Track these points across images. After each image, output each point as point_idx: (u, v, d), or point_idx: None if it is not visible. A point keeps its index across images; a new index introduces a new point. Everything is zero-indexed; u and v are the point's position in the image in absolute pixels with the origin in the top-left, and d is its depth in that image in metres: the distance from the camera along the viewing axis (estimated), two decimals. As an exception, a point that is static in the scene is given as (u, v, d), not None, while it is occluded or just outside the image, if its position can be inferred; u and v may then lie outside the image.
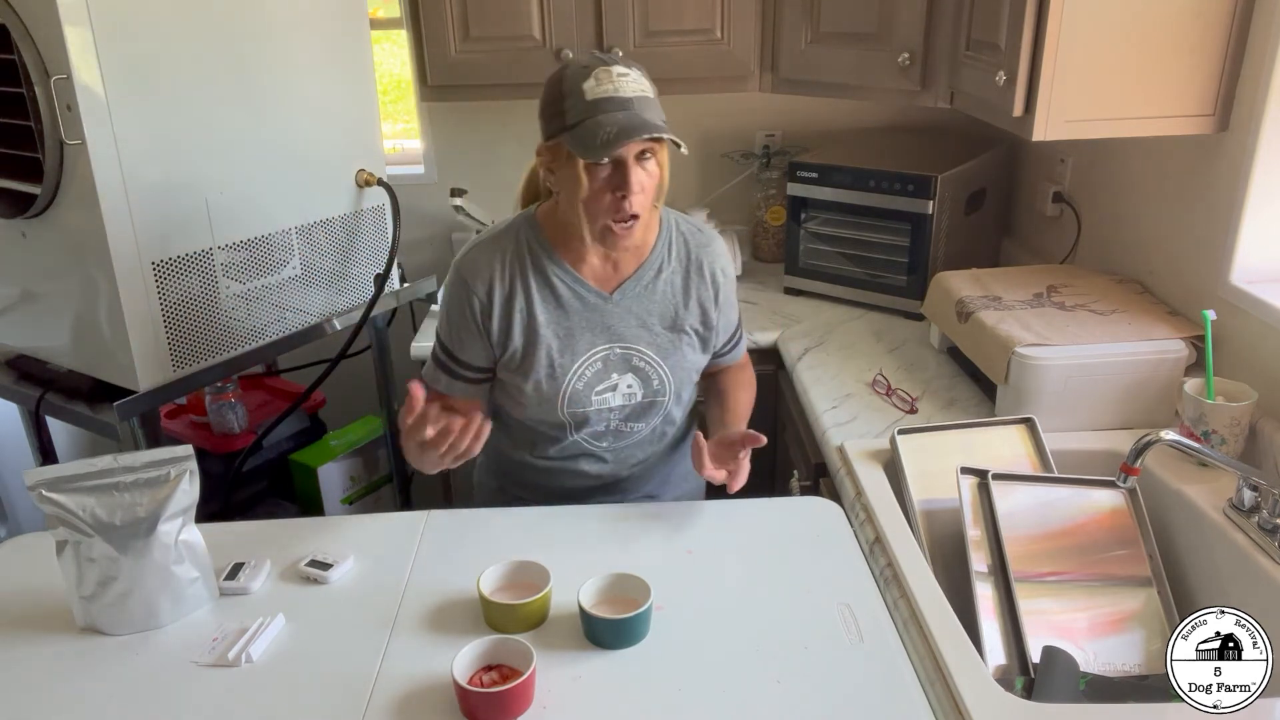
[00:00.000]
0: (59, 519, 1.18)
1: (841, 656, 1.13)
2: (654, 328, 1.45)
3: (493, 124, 2.61)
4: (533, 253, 1.42)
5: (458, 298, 1.42)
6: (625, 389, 1.46)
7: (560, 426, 1.48)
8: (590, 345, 1.43)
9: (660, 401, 1.49)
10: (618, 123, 1.23)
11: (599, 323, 1.43)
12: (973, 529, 1.35)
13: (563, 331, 1.42)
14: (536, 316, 1.41)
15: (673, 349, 1.47)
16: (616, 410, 1.47)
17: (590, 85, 1.25)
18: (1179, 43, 1.53)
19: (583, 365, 1.43)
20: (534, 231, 1.43)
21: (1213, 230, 1.64)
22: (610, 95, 1.25)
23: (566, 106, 1.26)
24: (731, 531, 1.38)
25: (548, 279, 1.41)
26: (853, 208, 2.20)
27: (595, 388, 1.44)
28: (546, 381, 1.42)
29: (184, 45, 1.66)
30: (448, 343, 1.46)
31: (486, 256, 1.42)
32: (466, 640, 1.09)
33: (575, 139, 1.25)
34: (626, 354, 1.44)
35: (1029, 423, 1.50)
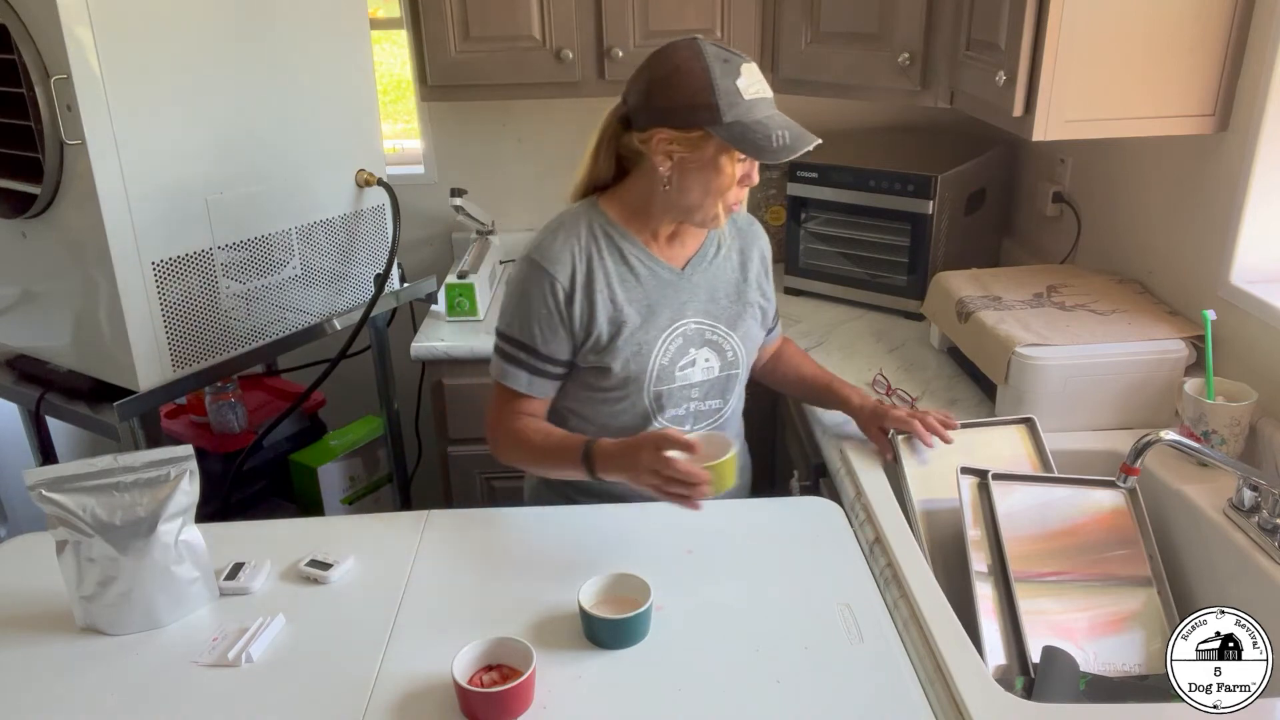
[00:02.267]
0: (59, 519, 1.18)
1: (841, 656, 1.13)
2: (721, 301, 1.49)
3: (493, 124, 2.61)
4: (606, 235, 1.43)
5: (538, 288, 1.40)
6: (704, 363, 1.47)
7: (644, 415, 1.47)
8: (670, 320, 1.44)
9: (735, 375, 1.52)
10: (785, 128, 1.30)
11: (674, 298, 1.45)
12: (973, 529, 1.35)
13: (643, 308, 1.42)
14: (617, 295, 1.41)
15: (739, 321, 1.50)
16: (697, 387, 1.48)
17: (744, 84, 1.29)
18: (1179, 43, 1.53)
19: (666, 341, 1.43)
20: (603, 216, 1.44)
21: (1213, 230, 1.64)
22: (763, 96, 1.31)
23: (720, 102, 1.28)
24: (731, 531, 1.38)
25: (624, 257, 1.42)
26: (853, 208, 2.20)
27: (678, 364, 1.45)
28: (634, 360, 1.42)
29: (184, 45, 1.66)
30: (526, 339, 1.42)
31: (560, 243, 1.41)
32: (466, 640, 1.09)
33: (739, 137, 1.28)
34: (700, 328, 1.46)
35: (1029, 423, 1.50)
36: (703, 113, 1.29)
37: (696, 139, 1.31)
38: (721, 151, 1.31)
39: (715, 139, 1.30)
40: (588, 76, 2.24)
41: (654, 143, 1.33)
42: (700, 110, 1.29)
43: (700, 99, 1.28)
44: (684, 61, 1.30)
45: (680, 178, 1.35)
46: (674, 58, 1.31)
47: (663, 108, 1.31)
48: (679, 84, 1.30)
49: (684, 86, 1.29)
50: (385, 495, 2.38)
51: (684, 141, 1.32)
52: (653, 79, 1.33)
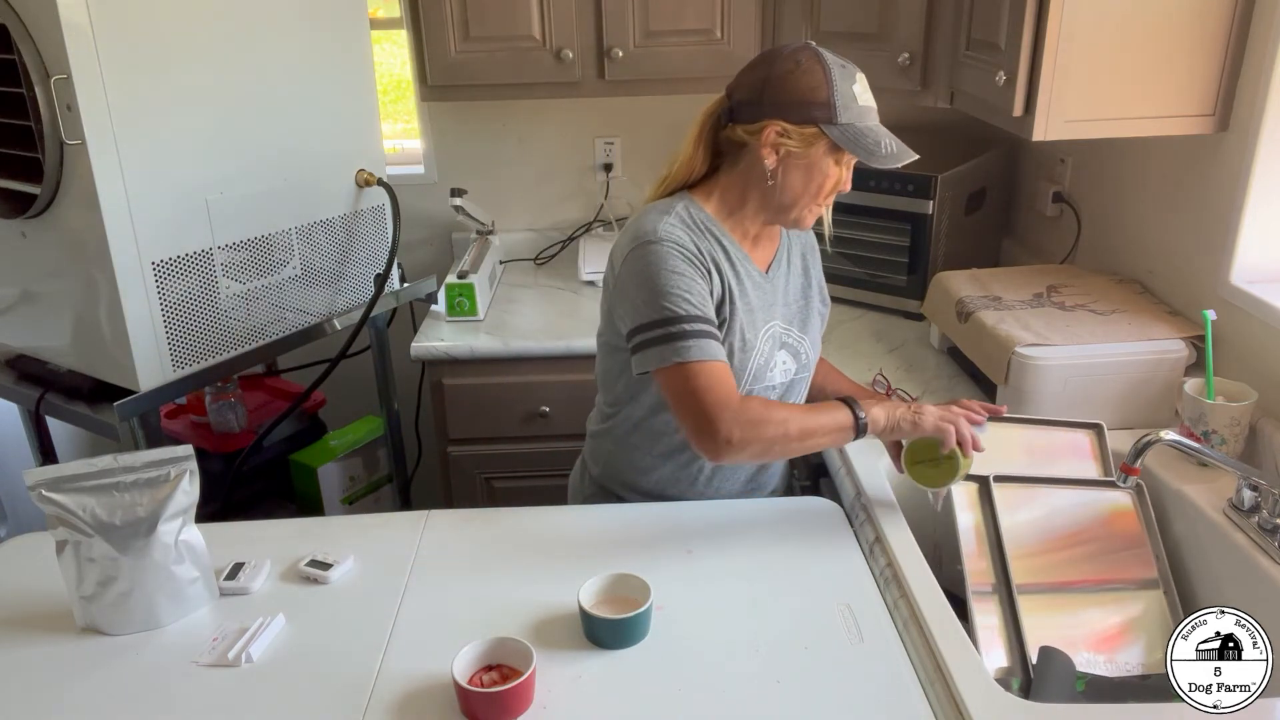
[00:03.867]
0: (59, 519, 1.18)
1: (841, 656, 1.13)
2: (794, 305, 1.50)
3: (493, 124, 2.61)
4: (707, 227, 1.41)
5: (675, 257, 1.32)
6: (784, 365, 1.47)
7: None
8: (764, 321, 1.44)
9: (806, 378, 1.52)
10: (890, 138, 1.33)
11: (764, 300, 1.44)
12: (973, 531, 1.35)
13: (746, 306, 1.41)
14: (731, 288, 1.40)
15: (809, 325, 1.51)
16: (776, 389, 1.47)
17: (859, 91, 1.32)
18: (1179, 43, 1.53)
19: (761, 341, 1.43)
20: (701, 211, 1.41)
21: (1213, 230, 1.64)
22: (872, 106, 1.34)
23: (838, 103, 1.30)
24: (731, 531, 1.38)
25: (729, 254, 1.41)
26: (853, 208, 2.20)
27: (769, 366, 1.45)
28: (739, 355, 1.40)
29: (184, 45, 1.66)
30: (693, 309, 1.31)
31: (670, 222, 1.35)
32: (466, 640, 1.09)
33: (852, 140, 1.31)
34: (781, 332, 1.46)
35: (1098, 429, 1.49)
36: (819, 110, 1.30)
37: (809, 135, 1.32)
38: (830, 152, 1.33)
39: (826, 139, 1.31)
40: (588, 76, 2.24)
41: (765, 134, 1.32)
42: (817, 107, 1.30)
43: (818, 96, 1.30)
44: (806, 60, 1.31)
45: (785, 173, 1.35)
46: (795, 56, 1.32)
47: (779, 101, 1.31)
48: (799, 80, 1.31)
49: (803, 83, 1.30)
50: (385, 495, 2.38)
51: (797, 136, 1.32)
52: (771, 74, 1.32)
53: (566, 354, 2.13)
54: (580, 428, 1.63)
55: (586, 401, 1.64)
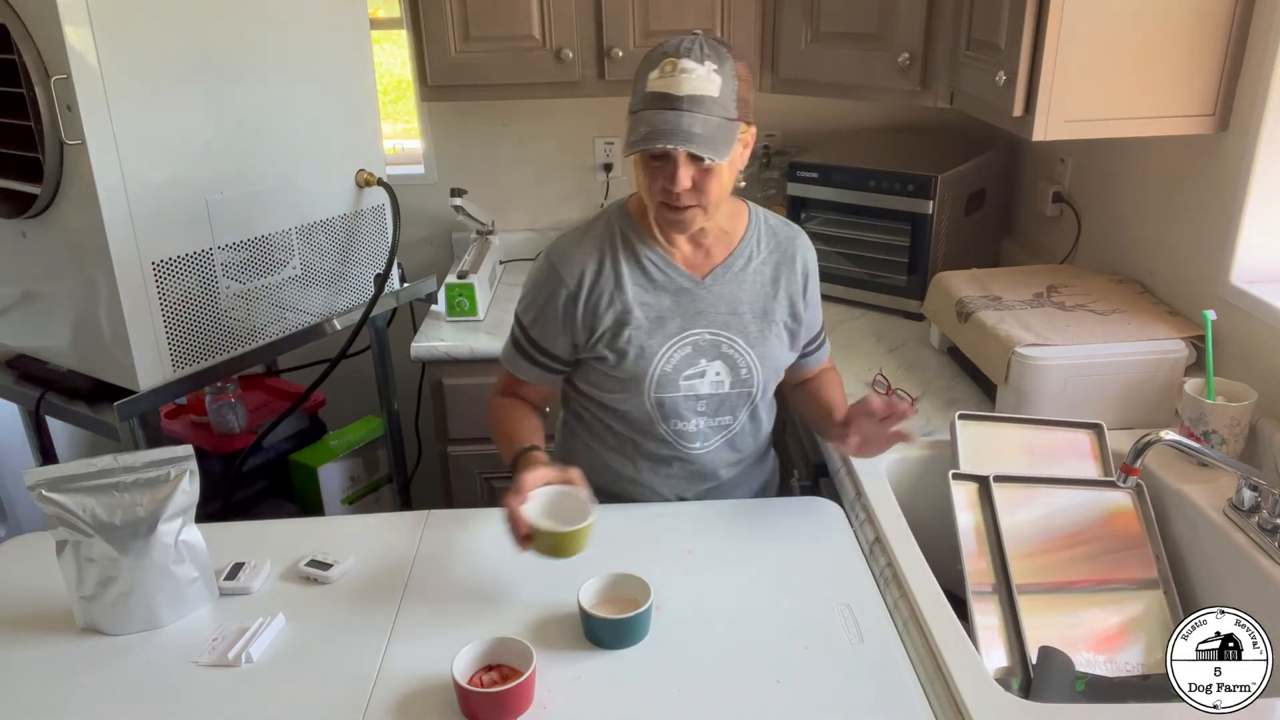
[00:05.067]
0: (59, 519, 1.18)
1: (841, 656, 1.13)
2: (744, 315, 1.44)
3: (493, 124, 2.61)
4: (624, 236, 1.42)
5: (547, 286, 1.42)
6: (714, 376, 1.45)
7: (648, 418, 1.45)
8: (681, 329, 1.42)
9: (749, 393, 1.47)
10: (655, 124, 1.25)
11: (690, 307, 1.43)
12: (973, 531, 1.35)
13: (653, 313, 1.41)
14: (627, 296, 1.40)
15: (761, 339, 1.45)
16: (704, 400, 1.45)
17: (654, 76, 1.27)
18: (1179, 43, 1.53)
19: (671, 348, 1.42)
20: (626, 218, 1.43)
21: (1213, 230, 1.64)
22: (664, 91, 1.26)
23: (635, 90, 1.29)
24: (731, 531, 1.38)
25: (639, 260, 1.41)
26: (853, 208, 2.20)
27: (684, 372, 1.43)
28: (635, 362, 1.41)
29: (184, 45, 1.66)
30: (531, 329, 1.46)
31: (577, 243, 1.43)
32: (466, 640, 1.09)
33: (629, 128, 1.29)
34: (715, 340, 1.43)
35: (1098, 429, 1.49)
36: (631, 101, 1.31)
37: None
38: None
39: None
40: (588, 76, 2.24)
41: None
42: (631, 100, 1.31)
43: (633, 87, 1.31)
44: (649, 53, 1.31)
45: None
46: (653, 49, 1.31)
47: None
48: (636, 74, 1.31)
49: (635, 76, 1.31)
50: (385, 495, 2.38)
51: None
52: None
53: (566, 354, 2.13)
54: (580, 428, 1.63)
55: (586, 401, 1.64)
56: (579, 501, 1.23)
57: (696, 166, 1.28)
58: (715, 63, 1.27)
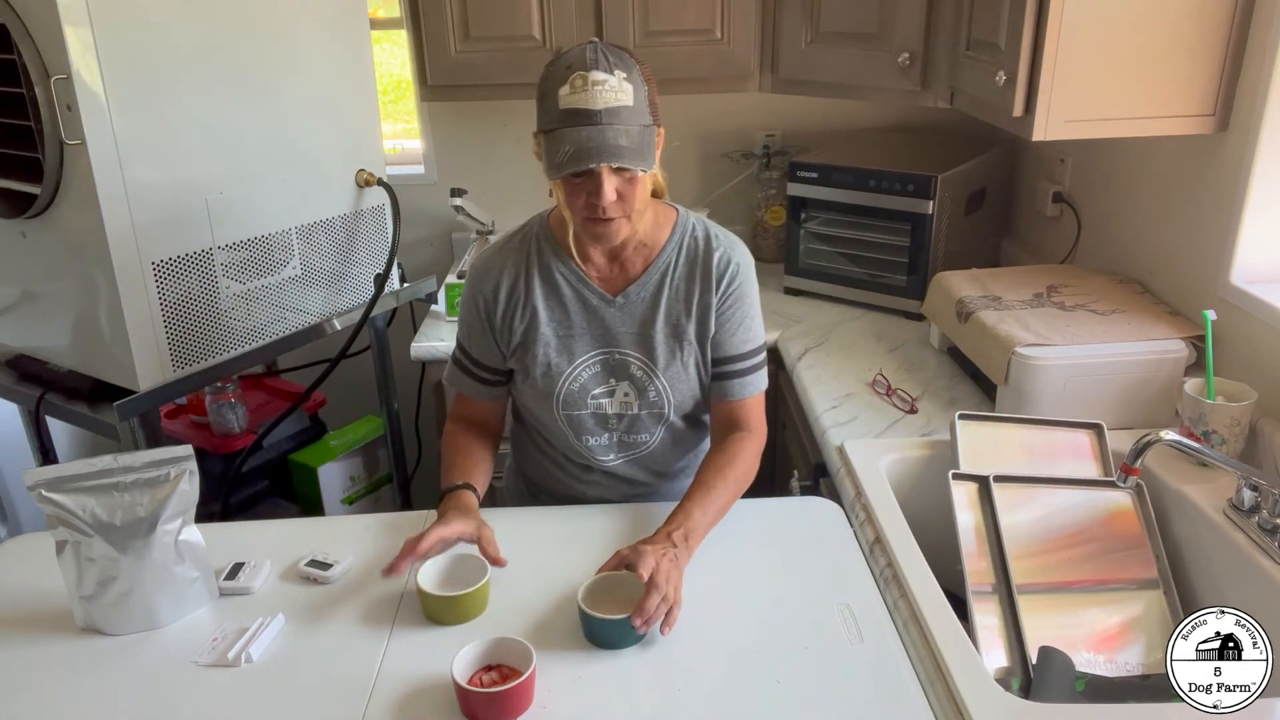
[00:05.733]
0: (59, 519, 1.18)
1: (841, 656, 1.13)
2: (655, 335, 1.40)
3: (493, 124, 2.61)
4: (540, 252, 1.41)
5: (469, 299, 1.45)
6: (622, 397, 1.43)
7: (561, 432, 1.47)
8: (589, 348, 1.41)
9: (660, 414, 1.44)
10: (579, 142, 1.21)
11: (599, 325, 1.41)
12: (973, 531, 1.35)
13: (563, 331, 1.41)
14: (538, 313, 1.40)
15: (671, 359, 1.41)
16: (613, 419, 1.45)
17: (564, 92, 1.21)
18: (1179, 43, 1.53)
19: (579, 367, 1.42)
20: (545, 232, 1.43)
21: (1213, 230, 1.64)
22: (579, 107, 1.21)
23: (545, 108, 1.25)
24: (731, 531, 1.38)
25: (552, 277, 1.41)
26: (853, 208, 2.20)
27: (591, 391, 1.43)
28: (542, 379, 1.42)
29: (184, 45, 1.66)
30: (465, 344, 1.48)
31: (495, 257, 1.44)
32: (466, 640, 1.09)
33: (545, 147, 1.25)
34: (624, 360, 1.41)
35: (1098, 429, 1.49)
36: (539, 119, 1.27)
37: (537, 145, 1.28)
38: None
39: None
40: (588, 76, 2.24)
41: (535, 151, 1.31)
42: (538, 117, 1.27)
43: (539, 105, 1.26)
44: (549, 64, 1.27)
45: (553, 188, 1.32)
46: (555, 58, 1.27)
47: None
48: (539, 89, 1.27)
49: (539, 91, 1.27)
50: (385, 495, 2.38)
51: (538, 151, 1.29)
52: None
53: (566, 354, 2.13)
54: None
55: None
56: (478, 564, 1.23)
57: (620, 177, 1.25)
58: (624, 70, 1.23)
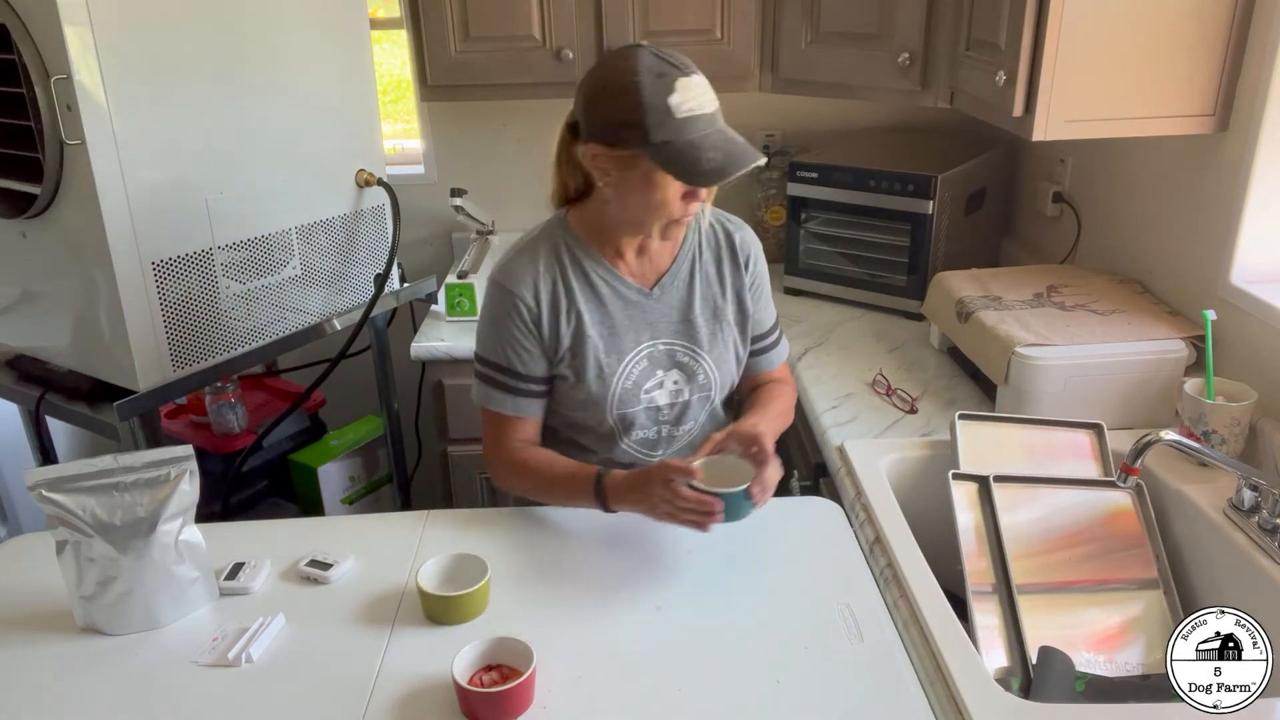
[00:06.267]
0: (59, 519, 1.18)
1: (841, 656, 1.13)
2: (695, 320, 1.43)
3: (493, 124, 2.61)
4: (570, 254, 1.39)
5: (505, 310, 1.38)
6: (671, 386, 1.44)
7: (610, 433, 1.46)
8: (635, 343, 1.41)
9: (707, 397, 1.47)
10: (722, 147, 1.22)
11: (641, 319, 1.41)
12: (973, 531, 1.35)
13: (607, 331, 1.40)
14: (582, 316, 1.38)
15: (714, 341, 1.44)
16: (664, 410, 1.45)
17: (676, 100, 1.20)
18: (1179, 43, 1.53)
19: (629, 364, 1.41)
20: (569, 234, 1.40)
21: (1213, 230, 1.64)
22: (701, 113, 1.22)
23: (649, 121, 1.20)
24: (731, 531, 1.38)
25: (588, 278, 1.39)
26: (853, 208, 2.20)
27: (643, 386, 1.42)
28: (595, 383, 1.40)
29: (184, 45, 1.66)
30: (504, 361, 1.40)
31: (525, 263, 1.38)
32: (466, 640, 1.09)
33: (669, 159, 1.22)
34: (670, 349, 1.42)
35: (1098, 429, 1.49)
36: (631, 132, 1.22)
37: (627, 158, 1.25)
38: (654, 170, 1.24)
39: (645, 159, 1.23)
40: (588, 76, 2.24)
41: (589, 159, 1.29)
42: (629, 129, 1.22)
43: (629, 117, 1.21)
44: (618, 74, 1.23)
45: (619, 194, 1.30)
46: (610, 69, 1.25)
47: (596, 123, 1.26)
48: (612, 99, 1.23)
49: (614, 103, 1.23)
50: (385, 495, 2.39)
51: (615, 160, 1.26)
52: (589, 91, 1.27)
53: (566, 354, 2.13)
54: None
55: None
56: (478, 564, 1.23)
57: None
58: (699, 71, 1.25)
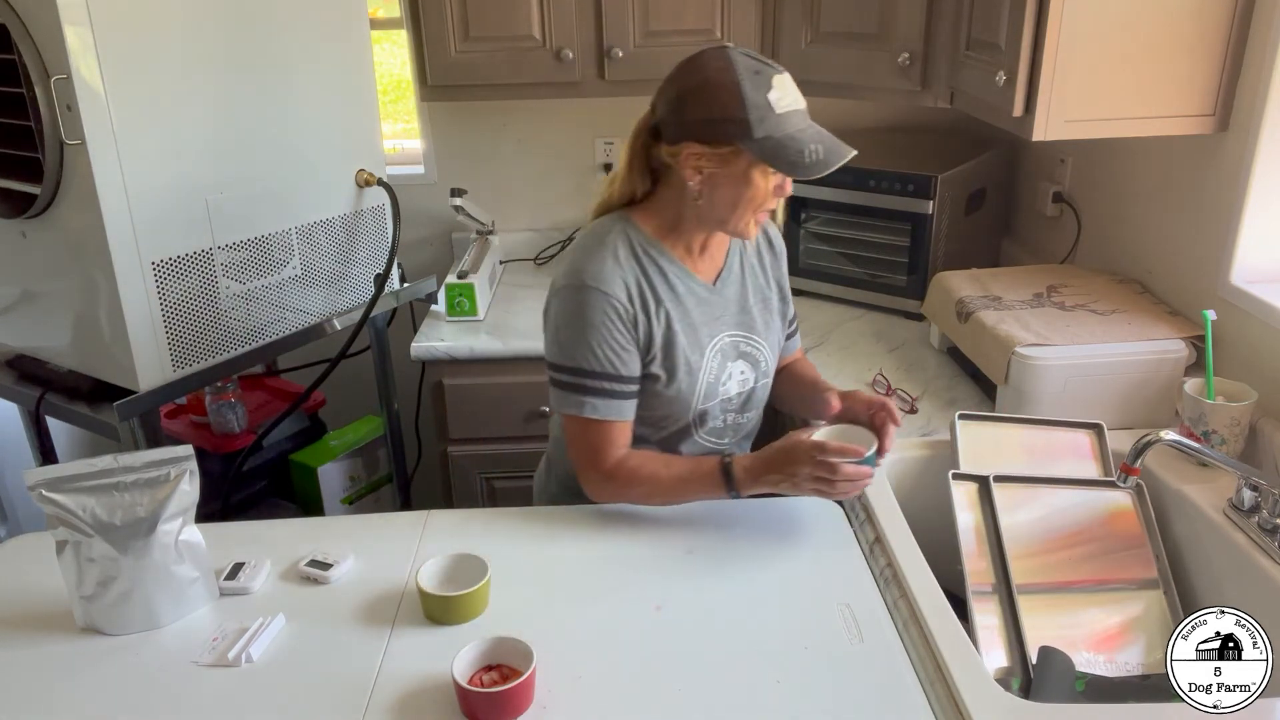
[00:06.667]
0: (59, 519, 1.18)
1: (841, 656, 1.13)
2: (751, 310, 1.47)
3: (493, 124, 2.61)
4: (645, 253, 1.39)
5: (601, 312, 1.34)
6: (739, 375, 1.46)
7: (687, 428, 1.46)
8: (710, 337, 1.43)
9: (767, 383, 1.52)
10: (818, 141, 1.27)
11: (710, 314, 1.43)
12: (973, 531, 1.35)
13: (688, 327, 1.40)
14: (670, 314, 1.38)
15: (767, 328, 1.49)
16: (734, 399, 1.47)
17: (776, 97, 1.25)
18: (1179, 43, 1.53)
19: (708, 359, 1.42)
20: (639, 234, 1.39)
21: (1213, 230, 1.64)
22: (795, 108, 1.27)
23: (751, 117, 1.24)
24: (731, 531, 1.38)
25: (666, 277, 1.39)
26: (853, 208, 2.20)
27: (720, 379, 1.44)
28: (685, 380, 1.40)
29: (184, 45, 1.66)
30: (602, 366, 1.35)
31: (608, 264, 1.35)
32: (466, 640, 1.09)
33: (773, 153, 1.25)
34: (734, 340, 1.45)
35: (1098, 429, 1.49)
36: (733, 127, 1.25)
37: (727, 154, 1.27)
38: (753, 166, 1.28)
39: (747, 154, 1.26)
40: (588, 76, 2.24)
41: (683, 157, 1.30)
42: (730, 125, 1.25)
43: (730, 113, 1.25)
44: (714, 73, 1.26)
45: (711, 191, 1.32)
46: (704, 69, 1.27)
47: (692, 121, 1.28)
48: (709, 97, 1.26)
49: (714, 100, 1.25)
50: (385, 495, 2.39)
51: (714, 157, 1.28)
52: (682, 91, 1.28)
53: (566, 354, 2.13)
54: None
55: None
56: (478, 564, 1.23)
57: None
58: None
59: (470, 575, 1.22)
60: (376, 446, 2.33)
